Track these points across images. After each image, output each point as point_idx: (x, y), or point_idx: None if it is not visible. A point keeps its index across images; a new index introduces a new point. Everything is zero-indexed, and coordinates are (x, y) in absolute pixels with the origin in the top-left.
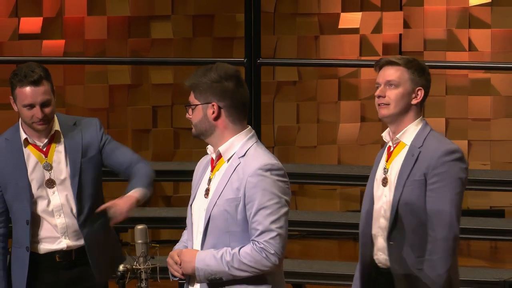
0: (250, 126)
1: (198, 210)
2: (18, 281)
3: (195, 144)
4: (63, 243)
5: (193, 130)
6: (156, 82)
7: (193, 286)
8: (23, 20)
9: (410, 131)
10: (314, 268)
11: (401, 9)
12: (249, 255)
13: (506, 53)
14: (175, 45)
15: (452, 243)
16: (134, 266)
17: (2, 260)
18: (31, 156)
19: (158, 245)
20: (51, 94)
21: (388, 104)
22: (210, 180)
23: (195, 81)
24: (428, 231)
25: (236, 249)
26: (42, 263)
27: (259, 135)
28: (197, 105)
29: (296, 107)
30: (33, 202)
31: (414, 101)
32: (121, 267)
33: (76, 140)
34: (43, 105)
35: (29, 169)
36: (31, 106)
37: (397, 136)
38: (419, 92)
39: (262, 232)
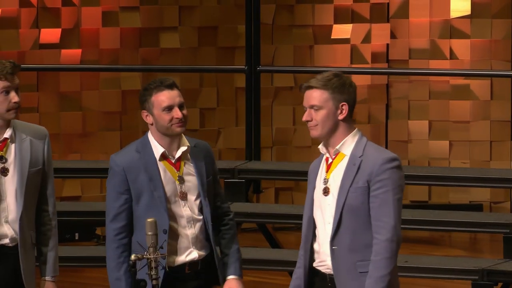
0: None
1: None
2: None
3: None
4: (194, 253)
5: None
6: None
7: None
8: (43, 31)
9: (348, 142)
10: None
11: (388, 21)
12: None
13: (484, 61)
14: (182, 54)
15: (396, 245)
16: (144, 256)
17: (127, 267)
18: (165, 170)
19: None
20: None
21: (317, 125)
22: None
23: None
24: (373, 235)
25: None
26: (173, 275)
27: (259, 136)
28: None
29: (292, 110)
30: (168, 213)
31: (340, 117)
32: (132, 257)
33: (200, 161)
34: (180, 106)
35: (164, 181)
36: (170, 108)
37: (337, 147)
38: (343, 107)
39: None
